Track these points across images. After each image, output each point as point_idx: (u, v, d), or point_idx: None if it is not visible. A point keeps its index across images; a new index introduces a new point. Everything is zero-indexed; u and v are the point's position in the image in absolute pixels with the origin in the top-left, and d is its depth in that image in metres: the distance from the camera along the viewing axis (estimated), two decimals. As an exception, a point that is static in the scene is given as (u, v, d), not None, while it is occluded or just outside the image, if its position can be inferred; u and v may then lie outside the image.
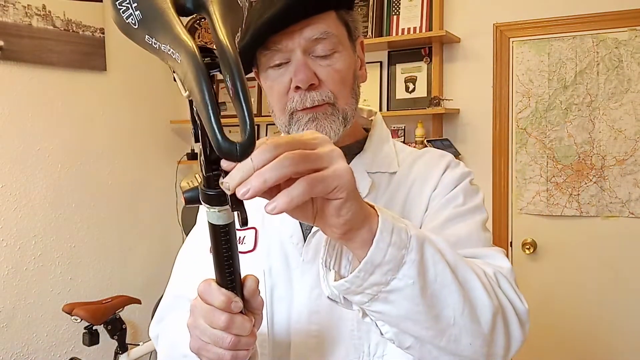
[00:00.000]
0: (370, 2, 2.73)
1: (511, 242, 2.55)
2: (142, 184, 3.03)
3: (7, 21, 2.33)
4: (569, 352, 2.48)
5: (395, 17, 2.66)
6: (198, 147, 0.68)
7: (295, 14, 0.82)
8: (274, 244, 0.90)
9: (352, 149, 0.93)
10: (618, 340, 2.39)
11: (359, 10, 2.76)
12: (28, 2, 2.40)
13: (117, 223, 2.89)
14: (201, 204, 0.61)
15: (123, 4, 0.57)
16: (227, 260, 0.65)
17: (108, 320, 2.29)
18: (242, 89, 0.55)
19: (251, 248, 0.92)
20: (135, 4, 0.57)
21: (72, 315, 2.24)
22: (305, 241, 0.88)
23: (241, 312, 0.67)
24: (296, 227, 0.89)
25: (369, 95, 2.74)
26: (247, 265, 0.81)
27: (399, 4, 2.66)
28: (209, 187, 0.60)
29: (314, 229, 0.86)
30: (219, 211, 0.61)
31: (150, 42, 0.59)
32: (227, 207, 0.60)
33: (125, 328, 2.34)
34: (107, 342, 2.45)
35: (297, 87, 0.84)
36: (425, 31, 2.58)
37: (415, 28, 2.61)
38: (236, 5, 0.60)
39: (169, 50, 0.57)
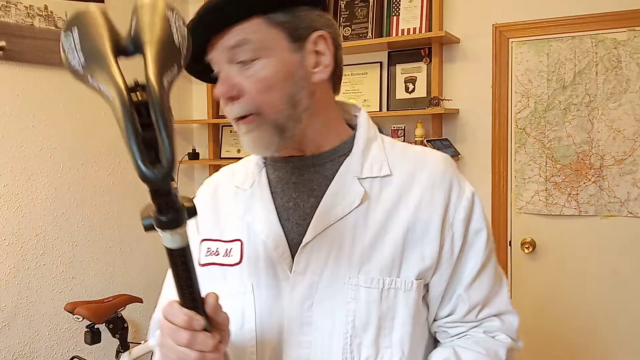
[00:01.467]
0: (370, 3, 2.74)
1: (510, 242, 2.56)
2: (143, 184, 3.04)
3: (9, 21, 2.34)
4: (567, 351, 2.49)
5: (395, 17, 2.68)
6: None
7: (212, 24, 0.80)
8: (260, 256, 0.88)
9: (339, 151, 0.90)
10: (617, 339, 2.40)
11: (359, 10, 2.77)
12: (30, 3, 2.42)
13: (118, 222, 2.90)
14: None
15: (70, 49, 0.62)
16: (185, 281, 0.69)
17: (110, 319, 2.30)
18: (162, 123, 0.59)
19: (237, 261, 0.90)
20: (80, 49, 0.61)
21: (73, 314, 2.25)
22: (291, 252, 0.87)
23: (205, 329, 0.71)
24: (281, 238, 0.87)
25: (369, 95, 2.75)
26: (234, 278, 0.89)
27: (399, 4, 2.67)
28: (160, 214, 0.63)
29: (304, 240, 0.85)
30: (171, 235, 0.64)
31: (93, 84, 0.62)
32: (180, 230, 0.64)
33: (127, 327, 2.35)
34: (109, 341, 2.46)
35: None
36: (425, 32, 2.59)
37: (415, 29, 2.62)
38: (171, 45, 0.63)
39: (105, 90, 0.63)
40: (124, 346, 2.34)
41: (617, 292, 2.38)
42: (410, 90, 2.69)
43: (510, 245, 2.56)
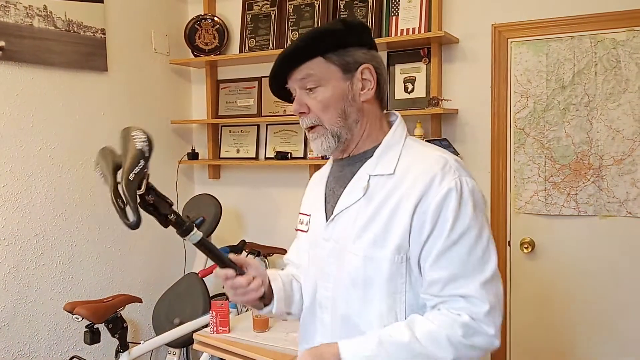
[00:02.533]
0: (370, 3, 2.74)
1: (509, 242, 2.56)
2: (142, 184, 3.04)
3: (9, 22, 2.34)
4: (566, 351, 2.49)
5: (394, 17, 2.68)
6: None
7: (289, 62, 1.18)
8: (315, 227, 1.29)
9: (367, 154, 1.22)
10: (617, 339, 2.40)
11: (359, 10, 2.77)
12: (29, 3, 2.42)
13: (118, 222, 2.86)
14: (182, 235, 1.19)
15: (98, 171, 1.22)
16: (214, 255, 1.20)
17: (109, 319, 2.30)
18: (129, 199, 1.16)
19: (306, 229, 1.33)
20: (100, 172, 1.23)
21: (73, 314, 2.25)
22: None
23: (240, 274, 1.21)
24: (322, 215, 1.27)
25: (369, 95, 2.75)
26: (306, 240, 1.34)
27: (398, 4, 2.67)
28: (177, 230, 1.18)
29: (328, 219, 1.23)
30: (189, 237, 1.17)
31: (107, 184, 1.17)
32: (192, 233, 1.17)
33: (127, 327, 2.35)
34: (108, 341, 2.46)
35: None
36: (424, 32, 2.59)
37: (414, 29, 2.62)
38: (134, 151, 1.12)
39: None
40: (124, 346, 2.34)
41: (617, 292, 2.39)
42: (409, 90, 2.69)
43: (509, 245, 2.57)
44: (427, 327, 1.07)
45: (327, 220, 1.24)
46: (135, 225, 1.12)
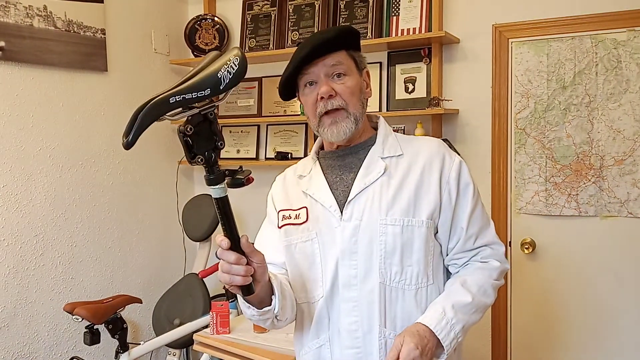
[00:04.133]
0: (370, 3, 2.74)
1: (510, 242, 2.56)
2: (142, 184, 3.05)
3: (9, 22, 2.34)
4: (566, 351, 2.49)
5: (394, 17, 2.68)
6: None
7: (319, 52, 1.29)
8: (319, 215, 1.35)
9: (367, 143, 1.38)
10: (617, 339, 2.40)
11: (359, 10, 2.77)
12: (29, 3, 2.41)
13: (117, 223, 2.90)
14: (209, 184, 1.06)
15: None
16: (226, 223, 1.10)
17: (109, 320, 2.29)
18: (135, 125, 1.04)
19: (304, 220, 1.37)
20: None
21: (73, 315, 2.24)
22: (340, 209, 1.32)
23: (240, 262, 1.10)
24: (332, 200, 1.34)
25: (369, 95, 2.74)
26: (304, 232, 1.37)
27: (399, 4, 2.67)
28: (207, 175, 1.05)
29: (349, 198, 1.32)
30: (214, 189, 1.06)
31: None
32: (220, 185, 1.06)
33: (126, 327, 2.35)
34: (108, 342, 2.46)
35: (322, 98, 1.30)
36: (425, 32, 2.59)
37: (414, 29, 2.62)
38: (207, 75, 1.00)
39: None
40: (123, 347, 2.33)
41: (617, 293, 2.38)
42: (409, 90, 2.68)
43: (510, 245, 2.56)
44: (477, 282, 1.31)
45: (345, 202, 1.32)
46: (126, 146, 0.99)
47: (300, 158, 2.99)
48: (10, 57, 2.36)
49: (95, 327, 2.28)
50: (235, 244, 1.10)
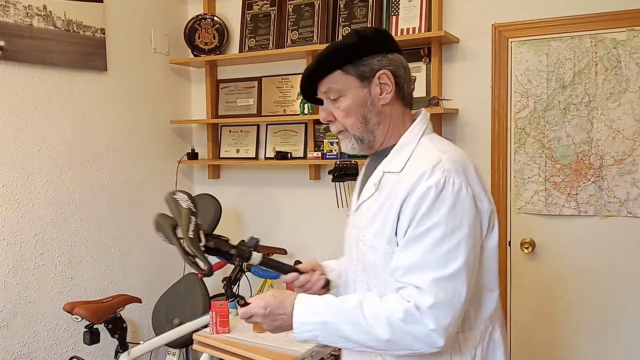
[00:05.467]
0: (370, 3, 2.74)
1: (510, 242, 2.56)
2: (142, 184, 3.05)
3: (8, 21, 2.34)
4: (567, 351, 2.49)
5: (394, 17, 2.68)
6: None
7: (311, 80, 1.31)
8: (351, 214, 1.42)
9: (386, 152, 1.32)
10: (617, 339, 2.40)
11: (359, 10, 2.77)
12: (29, 3, 2.41)
13: (117, 222, 2.90)
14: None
15: (161, 236, 1.39)
16: (274, 266, 1.44)
17: (109, 319, 2.29)
18: (195, 252, 1.31)
19: (349, 215, 1.43)
20: (162, 237, 1.39)
21: (72, 314, 2.24)
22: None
23: (299, 272, 1.45)
24: (354, 204, 1.39)
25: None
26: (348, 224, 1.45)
27: (398, 4, 2.67)
28: (242, 259, 1.40)
29: (352, 211, 1.39)
30: (251, 261, 1.39)
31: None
32: (252, 257, 1.39)
33: (126, 327, 2.35)
34: (108, 341, 2.46)
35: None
36: (424, 31, 2.59)
37: (414, 28, 2.62)
38: (177, 209, 1.36)
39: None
40: (123, 346, 2.33)
41: (617, 292, 2.38)
42: (409, 90, 2.68)
43: (509, 245, 2.56)
44: (375, 302, 1.17)
45: (355, 210, 1.38)
46: (209, 273, 1.29)
47: (300, 158, 3.00)
48: (10, 56, 2.36)
49: (94, 326, 2.28)
50: (296, 271, 1.46)
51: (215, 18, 3.17)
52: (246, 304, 1.25)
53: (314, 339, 1.20)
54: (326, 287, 1.46)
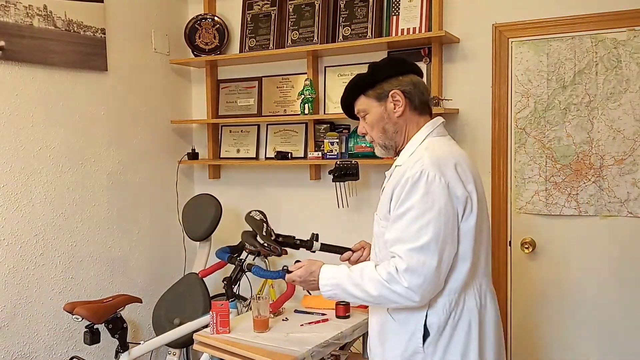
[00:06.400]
0: (370, 3, 2.74)
1: (510, 242, 2.56)
2: (142, 184, 3.05)
3: (9, 21, 2.34)
4: (567, 351, 2.49)
5: (394, 17, 2.68)
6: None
7: (345, 105, 1.73)
8: None
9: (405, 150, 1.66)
10: (617, 339, 2.40)
11: (359, 10, 2.77)
12: (29, 2, 2.41)
13: (118, 222, 2.90)
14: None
15: (249, 246, 2.42)
16: (333, 250, 2.05)
17: (109, 319, 2.29)
18: (271, 244, 2.10)
19: None
20: (250, 246, 2.37)
21: (73, 314, 2.24)
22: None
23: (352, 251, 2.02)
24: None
25: (369, 95, 2.74)
26: None
27: (399, 4, 2.67)
28: (306, 247, 2.11)
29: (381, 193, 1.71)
30: (313, 250, 2.10)
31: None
32: (315, 245, 2.08)
33: (127, 327, 2.35)
34: (108, 341, 2.46)
35: None
36: (425, 31, 2.59)
37: (414, 28, 2.62)
38: (254, 222, 2.15)
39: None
40: (123, 346, 2.33)
41: (618, 292, 2.38)
42: (410, 90, 2.68)
43: (510, 245, 2.56)
44: (370, 268, 1.54)
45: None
46: (280, 254, 2.13)
47: (301, 158, 2.99)
48: (10, 56, 2.36)
49: (95, 326, 2.28)
50: (349, 249, 2.00)
51: (216, 18, 3.17)
52: (289, 272, 1.72)
53: (335, 296, 1.60)
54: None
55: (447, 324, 1.53)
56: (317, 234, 2.03)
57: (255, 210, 2.21)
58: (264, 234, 2.06)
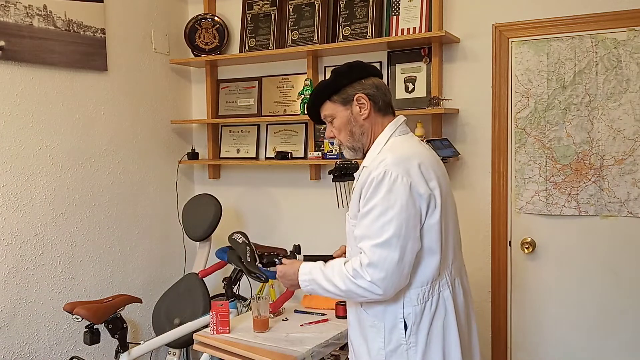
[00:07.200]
0: (370, 3, 2.74)
1: (510, 242, 2.56)
2: (142, 184, 3.05)
3: (8, 21, 2.34)
4: (567, 351, 2.49)
5: (394, 17, 2.67)
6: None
7: (313, 109, 1.77)
8: None
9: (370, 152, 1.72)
10: (617, 339, 2.40)
11: (359, 10, 2.77)
12: (29, 2, 2.41)
13: (117, 222, 2.90)
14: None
15: (235, 267, 2.59)
16: (318, 258, 1.76)
17: (109, 319, 2.29)
18: (256, 271, 2.29)
19: None
20: (235, 267, 2.60)
21: (73, 314, 2.24)
22: None
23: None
24: None
25: (369, 95, 2.74)
26: None
27: (399, 4, 2.67)
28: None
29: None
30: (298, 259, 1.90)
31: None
32: (298, 257, 1.90)
33: (126, 327, 2.35)
34: (108, 341, 2.46)
35: None
36: (425, 31, 2.58)
37: (414, 28, 2.62)
38: (237, 245, 2.35)
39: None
40: (123, 346, 2.33)
41: (617, 292, 2.38)
42: (410, 90, 2.68)
43: (510, 245, 2.56)
44: (340, 265, 1.59)
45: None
46: (266, 281, 2.27)
47: (301, 158, 2.99)
48: (10, 56, 2.36)
49: (95, 326, 2.28)
50: (331, 256, 1.89)
51: (216, 18, 3.17)
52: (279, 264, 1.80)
53: (313, 291, 1.65)
54: None
55: (423, 314, 1.59)
56: (298, 246, 2.02)
57: (236, 233, 2.28)
58: (249, 259, 2.18)
